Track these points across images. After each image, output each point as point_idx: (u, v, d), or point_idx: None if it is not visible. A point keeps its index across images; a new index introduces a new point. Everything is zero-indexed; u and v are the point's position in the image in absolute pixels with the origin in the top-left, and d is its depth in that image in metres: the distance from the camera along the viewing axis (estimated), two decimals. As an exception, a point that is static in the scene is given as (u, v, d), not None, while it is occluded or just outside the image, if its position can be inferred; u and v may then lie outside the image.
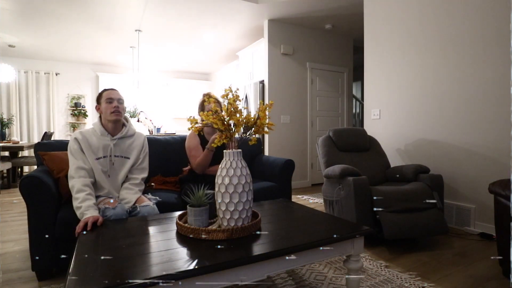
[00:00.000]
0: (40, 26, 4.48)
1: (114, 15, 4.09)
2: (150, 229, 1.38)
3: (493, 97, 2.38)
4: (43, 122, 6.43)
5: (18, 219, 2.92)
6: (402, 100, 3.09)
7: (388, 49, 3.21)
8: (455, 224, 2.63)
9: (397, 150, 3.16)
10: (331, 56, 4.96)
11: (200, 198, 1.28)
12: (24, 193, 1.60)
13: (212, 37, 5.05)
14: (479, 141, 2.48)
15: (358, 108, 6.73)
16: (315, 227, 1.38)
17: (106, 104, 1.76)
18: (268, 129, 1.45)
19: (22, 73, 6.24)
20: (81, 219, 1.43)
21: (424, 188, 2.22)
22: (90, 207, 1.49)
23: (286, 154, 4.46)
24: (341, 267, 1.83)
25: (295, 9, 4.02)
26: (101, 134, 1.78)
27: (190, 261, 0.99)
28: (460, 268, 1.84)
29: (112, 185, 1.77)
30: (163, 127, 7.43)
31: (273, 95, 4.41)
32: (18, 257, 2.01)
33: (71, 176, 1.63)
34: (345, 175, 2.22)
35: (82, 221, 1.39)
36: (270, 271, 1.11)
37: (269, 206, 1.76)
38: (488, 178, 2.39)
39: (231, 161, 1.24)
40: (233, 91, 1.33)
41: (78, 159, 1.66)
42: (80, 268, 0.95)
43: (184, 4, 3.78)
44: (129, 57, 6.11)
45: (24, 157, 5.28)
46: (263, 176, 2.59)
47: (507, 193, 1.60)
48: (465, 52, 2.55)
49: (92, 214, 1.44)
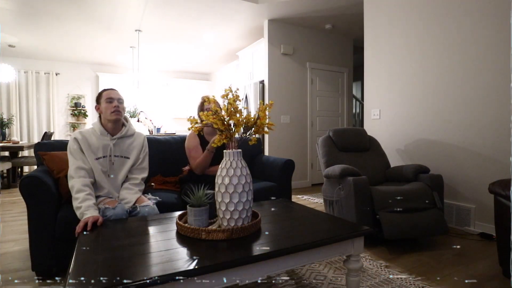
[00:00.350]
0: (40, 26, 4.48)
1: (114, 15, 4.09)
2: (150, 229, 1.38)
3: (493, 97, 2.38)
4: (43, 122, 6.43)
5: (18, 219, 2.92)
6: (402, 100, 3.09)
7: (388, 49, 3.21)
8: (455, 224, 2.63)
9: (397, 150, 3.16)
10: (331, 56, 4.96)
11: (200, 198, 1.28)
12: (24, 193, 1.60)
13: (212, 37, 5.05)
14: (479, 141, 2.48)
15: (358, 108, 6.72)
16: (315, 227, 1.38)
17: (106, 104, 1.76)
18: (268, 129, 1.45)
19: (22, 73, 6.24)
20: (81, 219, 1.43)
21: (424, 188, 2.22)
22: (90, 207, 1.49)
23: (286, 154, 4.46)
24: (341, 267, 1.83)
25: (295, 9, 4.02)
26: (100, 134, 1.77)
27: (190, 261, 0.99)
28: (460, 268, 1.84)
29: (112, 185, 1.76)
30: (163, 127, 7.43)
31: (273, 95, 4.41)
32: (18, 257, 2.01)
33: (70, 176, 1.62)
34: (345, 175, 2.22)
35: (82, 221, 1.39)
36: (270, 271, 1.11)
37: (269, 206, 1.76)
38: (488, 178, 2.39)
39: (231, 161, 1.24)
40: (233, 91, 1.33)
41: (78, 159, 1.66)
42: (80, 268, 0.95)
43: (184, 4, 3.78)
44: (129, 57, 6.11)
45: (24, 157, 5.28)
46: (263, 176, 2.59)
47: (507, 193, 1.60)
48: (465, 52, 2.55)
49: (92, 214, 1.44)
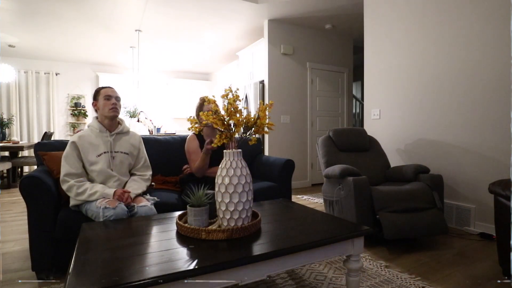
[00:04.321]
0: (40, 26, 4.48)
1: (114, 15, 4.09)
2: (150, 229, 1.38)
3: (493, 97, 2.38)
4: (43, 122, 6.43)
5: (18, 219, 2.92)
6: (402, 100, 3.09)
7: (388, 49, 3.21)
8: (455, 224, 2.63)
9: (397, 150, 3.16)
10: (331, 56, 4.96)
11: (200, 198, 1.28)
12: (24, 193, 1.60)
13: (212, 37, 5.05)
14: (479, 141, 2.48)
15: (358, 108, 6.72)
16: (315, 227, 1.38)
17: (105, 101, 1.82)
18: (268, 129, 1.45)
19: (22, 73, 6.24)
20: (104, 197, 1.61)
21: (424, 188, 2.22)
22: (104, 187, 1.67)
23: (286, 154, 4.46)
24: (341, 267, 1.83)
25: (295, 9, 4.02)
26: (99, 131, 1.82)
27: (190, 261, 0.99)
28: (460, 268, 1.84)
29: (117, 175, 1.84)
30: (163, 127, 7.43)
31: (273, 95, 4.41)
32: (18, 257, 2.01)
33: (64, 180, 1.67)
34: (345, 175, 2.22)
35: (116, 194, 1.62)
36: (270, 271, 1.11)
37: (269, 206, 1.76)
38: (488, 178, 2.39)
39: (231, 161, 1.24)
40: (233, 91, 1.33)
41: (70, 165, 1.70)
42: (80, 268, 0.95)
43: (184, 4, 3.78)
44: (129, 57, 6.11)
45: (24, 157, 5.28)
46: (263, 176, 2.59)
47: (507, 193, 1.60)
48: (465, 52, 2.55)
49: (113, 190, 1.66)
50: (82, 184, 1.66)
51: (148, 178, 1.94)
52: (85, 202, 1.64)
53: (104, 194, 1.63)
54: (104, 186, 1.69)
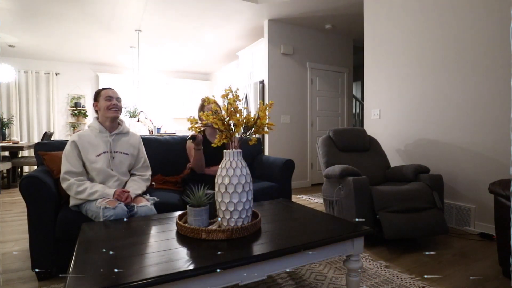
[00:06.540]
0: (40, 26, 4.48)
1: (114, 15, 4.09)
2: (150, 229, 1.38)
3: (493, 97, 2.38)
4: (43, 122, 6.43)
5: (18, 219, 2.92)
6: (402, 100, 3.09)
7: (388, 49, 3.21)
8: (455, 224, 2.63)
9: (397, 150, 3.16)
10: (331, 56, 4.96)
11: (200, 198, 1.28)
12: (24, 193, 1.60)
13: (212, 37, 5.05)
14: (479, 141, 2.48)
15: (358, 108, 6.72)
16: (315, 227, 1.38)
17: (105, 102, 1.83)
18: (268, 129, 1.45)
19: (22, 73, 6.24)
20: (104, 197, 1.62)
21: (424, 188, 2.22)
22: (104, 187, 1.68)
23: (286, 154, 4.46)
24: (341, 267, 1.83)
25: (295, 9, 4.02)
26: (99, 131, 1.83)
27: (190, 261, 0.99)
28: (460, 268, 1.84)
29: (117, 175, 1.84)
30: (163, 127, 7.42)
31: (273, 95, 4.41)
32: (18, 257, 2.01)
33: (64, 178, 1.68)
34: (345, 175, 2.22)
35: (115, 194, 1.63)
36: (270, 271, 1.11)
37: (269, 206, 1.76)
38: (488, 178, 2.39)
39: (231, 161, 1.24)
40: (233, 91, 1.33)
41: (71, 163, 1.71)
42: (80, 268, 0.95)
43: (184, 4, 3.78)
44: (129, 57, 6.11)
45: (24, 157, 5.28)
46: (263, 176, 2.59)
47: (507, 193, 1.60)
48: (466, 52, 2.55)
49: (114, 189, 1.68)
50: (82, 183, 1.66)
51: (148, 178, 1.95)
52: (85, 202, 1.65)
53: (104, 194, 1.63)
54: (104, 186, 1.69)
